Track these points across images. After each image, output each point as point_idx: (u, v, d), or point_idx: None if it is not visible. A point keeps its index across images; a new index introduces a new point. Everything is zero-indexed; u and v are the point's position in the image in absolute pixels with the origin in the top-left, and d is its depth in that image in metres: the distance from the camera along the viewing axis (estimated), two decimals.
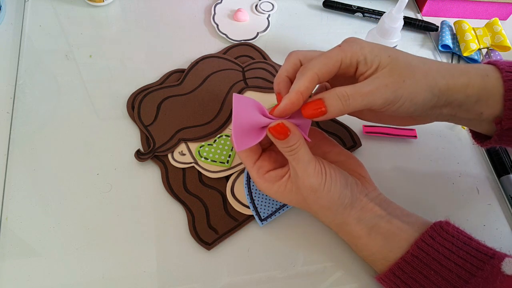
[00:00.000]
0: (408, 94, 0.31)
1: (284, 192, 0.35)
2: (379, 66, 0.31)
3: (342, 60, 0.32)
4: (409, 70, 0.31)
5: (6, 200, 0.38)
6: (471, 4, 0.58)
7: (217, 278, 0.36)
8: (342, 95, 0.30)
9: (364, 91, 0.30)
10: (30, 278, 0.35)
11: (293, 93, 0.31)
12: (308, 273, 0.37)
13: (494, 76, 0.33)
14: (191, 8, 0.55)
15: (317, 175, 0.33)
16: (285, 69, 0.35)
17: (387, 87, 0.30)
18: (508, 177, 0.44)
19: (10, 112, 0.43)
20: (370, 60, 0.31)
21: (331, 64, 0.32)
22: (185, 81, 0.47)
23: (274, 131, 0.32)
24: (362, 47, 0.32)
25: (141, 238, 0.37)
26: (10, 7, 0.51)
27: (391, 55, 0.31)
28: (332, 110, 0.31)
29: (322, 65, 0.32)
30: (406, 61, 0.32)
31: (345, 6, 0.57)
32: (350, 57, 0.32)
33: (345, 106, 0.30)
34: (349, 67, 0.32)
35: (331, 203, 0.34)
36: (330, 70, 0.32)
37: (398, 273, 0.33)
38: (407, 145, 0.46)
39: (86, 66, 0.48)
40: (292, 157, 0.32)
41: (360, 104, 0.30)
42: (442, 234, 0.33)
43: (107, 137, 0.43)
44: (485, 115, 0.34)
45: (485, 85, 0.32)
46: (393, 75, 0.31)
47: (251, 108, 0.32)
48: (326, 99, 0.31)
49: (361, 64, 0.32)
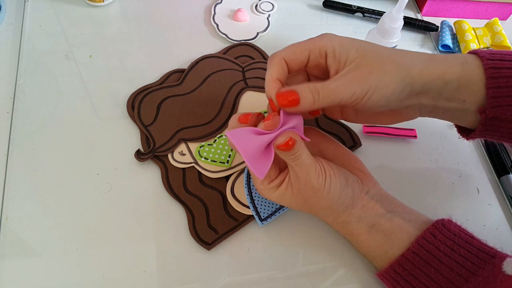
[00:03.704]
0: (375, 86, 0.30)
1: (285, 196, 0.34)
2: (347, 61, 0.31)
3: (311, 50, 0.32)
4: (377, 62, 0.31)
5: (6, 200, 0.38)
6: (471, 4, 0.59)
7: (217, 278, 0.36)
8: (314, 89, 0.31)
9: (331, 87, 0.31)
10: (30, 278, 0.35)
11: (269, 83, 0.32)
12: (308, 273, 0.37)
13: (474, 63, 0.32)
14: (191, 8, 0.55)
15: (317, 176, 0.33)
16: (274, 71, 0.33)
17: (353, 81, 0.30)
18: (508, 177, 0.44)
19: (10, 112, 0.43)
20: (338, 53, 0.32)
21: (298, 52, 0.32)
22: (185, 81, 0.47)
23: (284, 147, 0.31)
24: (332, 39, 0.32)
25: (141, 238, 0.37)
26: (10, 7, 0.51)
27: (358, 49, 0.31)
28: (303, 102, 0.31)
29: (289, 52, 0.32)
30: (375, 52, 0.32)
31: (345, 6, 0.57)
32: (319, 47, 0.32)
33: (316, 100, 0.31)
34: (318, 58, 0.33)
35: (332, 203, 0.34)
36: (297, 57, 0.32)
37: (398, 270, 0.33)
38: (407, 145, 0.46)
39: (86, 66, 0.48)
40: (295, 162, 0.32)
41: (328, 99, 0.31)
42: (443, 232, 0.33)
43: (107, 137, 0.43)
44: (468, 102, 0.33)
45: (464, 72, 0.32)
46: (360, 69, 0.31)
47: (248, 136, 0.31)
48: (299, 91, 0.31)
49: (330, 56, 0.32)
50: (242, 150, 0.30)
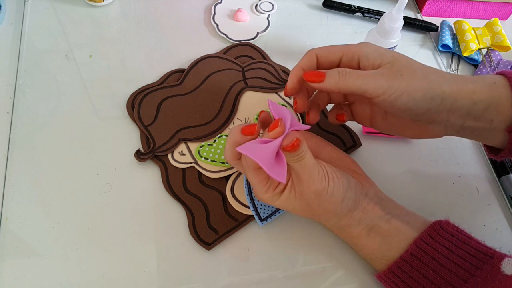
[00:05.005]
0: (405, 87, 0.31)
1: (289, 200, 0.34)
2: (381, 63, 0.33)
3: (344, 53, 0.34)
4: (410, 69, 0.32)
5: (6, 200, 0.38)
6: (471, 4, 0.59)
7: (217, 278, 0.36)
8: (342, 70, 0.33)
9: (361, 73, 0.32)
10: (30, 278, 0.35)
11: (293, 69, 0.35)
12: (308, 273, 0.37)
13: (502, 83, 0.33)
14: (191, 8, 0.55)
15: (321, 179, 0.33)
16: (302, 62, 0.36)
17: (383, 75, 0.32)
18: (508, 177, 0.44)
19: (10, 112, 0.43)
20: (372, 57, 0.33)
21: (332, 52, 0.35)
22: (185, 81, 0.47)
23: (291, 148, 0.31)
24: (367, 46, 0.34)
25: (141, 238, 0.38)
26: (10, 7, 0.51)
27: (394, 55, 0.33)
28: (329, 80, 0.32)
29: (323, 49, 0.35)
30: (408, 62, 0.33)
31: (345, 6, 0.57)
32: (353, 51, 0.34)
33: (341, 79, 0.32)
34: (350, 61, 0.34)
35: (335, 206, 0.34)
36: (329, 55, 0.35)
37: (397, 272, 0.33)
38: (407, 145, 0.46)
39: (86, 66, 0.48)
40: (298, 163, 0.32)
41: (354, 82, 0.32)
42: (441, 234, 0.33)
43: (107, 137, 0.43)
44: (496, 122, 0.33)
45: (492, 92, 0.33)
46: (392, 69, 0.32)
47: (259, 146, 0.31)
48: (327, 72, 0.33)
49: (363, 60, 0.34)
50: (260, 160, 0.30)
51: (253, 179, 0.33)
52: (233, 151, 0.34)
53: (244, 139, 0.33)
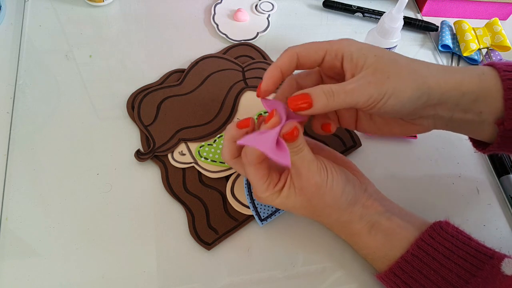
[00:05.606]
0: (392, 90, 0.30)
1: (289, 197, 0.34)
2: (364, 65, 0.31)
3: (327, 51, 0.32)
4: (395, 68, 0.31)
5: (6, 200, 0.38)
6: (471, 4, 0.59)
7: (217, 278, 0.36)
8: (327, 91, 0.31)
9: (348, 88, 0.31)
10: (30, 278, 0.35)
11: (269, 69, 0.33)
12: (308, 273, 0.37)
13: (491, 74, 0.33)
14: (191, 8, 0.55)
15: (319, 171, 0.33)
16: (280, 61, 0.33)
17: (370, 84, 0.30)
18: (508, 177, 0.44)
19: (10, 112, 0.43)
20: (356, 57, 0.32)
21: (313, 50, 0.33)
22: (185, 81, 0.47)
23: (289, 135, 0.31)
24: (350, 44, 0.32)
25: (141, 238, 0.38)
26: (10, 7, 0.51)
27: (377, 55, 0.31)
28: (317, 104, 0.31)
29: (304, 48, 0.33)
30: (393, 60, 0.32)
31: (345, 6, 0.57)
32: (336, 49, 0.32)
33: (330, 101, 0.30)
34: (334, 60, 0.33)
35: (335, 199, 0.34)
36: (311, 54, 0.33)
37: (398, 272, 0.33)
38: (407, 145, 0.46)
39: (86, 66, 0.48)
40: (297, 156, 0.32)
41: (344, 100, 0.30)
42: (442, 234, 0.33)
43: (107, 137, 0.43)
44: (485, 114, 0.33)
45: (481, 84, 0.32)
46: (377, 73, 0.31)
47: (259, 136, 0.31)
48: (312, 93, 0.31)
49: (347, 60, 0.32)
50: (262, 147, 0.30)
51: (253, 177, 0.33)
52: (231, 148, 0.34)
53: (240, 133, 0.33)
